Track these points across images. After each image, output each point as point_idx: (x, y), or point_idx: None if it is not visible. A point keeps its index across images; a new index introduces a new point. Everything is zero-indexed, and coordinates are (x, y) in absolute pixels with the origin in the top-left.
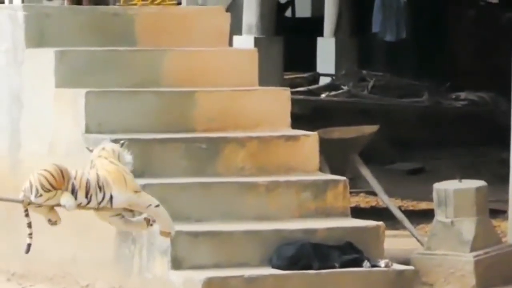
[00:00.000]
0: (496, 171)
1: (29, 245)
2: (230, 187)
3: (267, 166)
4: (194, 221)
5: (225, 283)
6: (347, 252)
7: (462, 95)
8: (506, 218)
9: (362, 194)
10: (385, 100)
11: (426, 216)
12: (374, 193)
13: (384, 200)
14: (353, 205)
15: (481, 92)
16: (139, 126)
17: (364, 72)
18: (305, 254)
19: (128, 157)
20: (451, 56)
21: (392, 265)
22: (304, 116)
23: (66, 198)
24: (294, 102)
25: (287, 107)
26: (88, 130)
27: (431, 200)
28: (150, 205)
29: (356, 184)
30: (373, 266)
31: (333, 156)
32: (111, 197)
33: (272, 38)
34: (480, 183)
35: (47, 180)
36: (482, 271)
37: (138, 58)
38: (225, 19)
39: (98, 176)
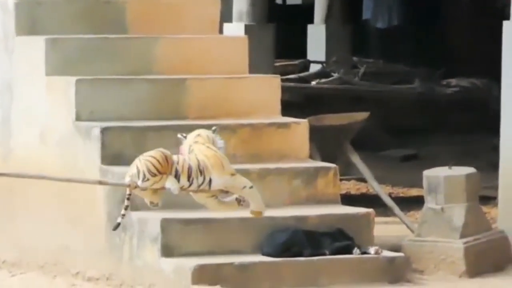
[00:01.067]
0: (488, 158)
1: (118, 224)
2: None
3: (259, 153)
4: (185, 208)
5: (216, 271)
6: (338, 239)
7: (454, 81)
8: (496, 205)
9: (353, 181)
10: (377, 86)
11: (417, 203)
12: (365, 180)
13: (374, 187)
14: (344, 192)
15: (474, 78)
16: (130, 113)
17: (355, 59)
18: (297, 241)
19: (220, 142)
20: (444, 42)
21: (381, 252)
22: (295, 103)
23: (171, 182)
24: (285, 89)
25: (278, 95)
26: (79, 118)
27: (422, 186)
28: (244, 186)
29: (348, 171)
30: (363, 253)
31: (324, 143)
32: (210, 180)
33: (262, 26)
34: (470, 170)
35: (153, 165)
36: (472, 258)
37: (130, 46)
38: (216, 6)
39: (198, 161)
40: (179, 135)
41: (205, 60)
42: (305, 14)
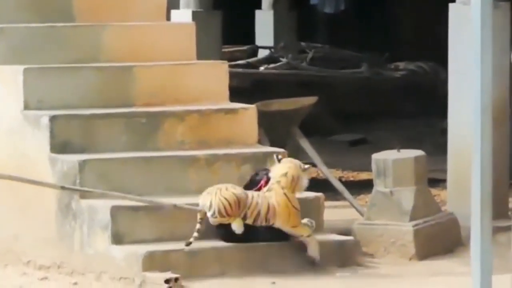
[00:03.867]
0: (437, 141)
1: (190, 243)
2: (170, 161)
3: (207, 139)
4: (135, 195)
5: (166, 257)
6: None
7: (401, 65)
8: (446, 187)
9: None
10: (325, 71)
11: (366, 186)
12: (315, 165)
13: (323, 171)
14: None
15: (421, 62)
16: (78, 102)
17: (303, 44)
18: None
19: (305, 181)
20: (390, 27)
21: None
22: (244, 89)
23: (237, 225)
24: (233, 75)
25: (226, 81)
26: (27, 107)
27: (371, 170)
28: (302, 235)
29: (297, 156)
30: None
31: (272, 129)
32: (273, 224)
33: (210, 12)
34: (419, 152)
35: (225, 208)
36: (422, 240)
37: (77, 34)
38: None
39: (268, 206)
40: (275, 157)
41: (153, 47)
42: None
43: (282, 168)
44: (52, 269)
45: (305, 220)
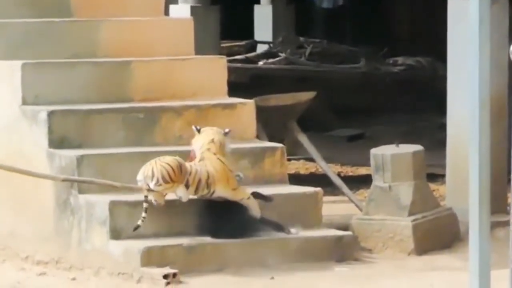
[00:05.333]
0: (435, 136)
1: (138, 226)
2: (168, 155)
3: None
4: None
5: (164, 252)
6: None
7: (400, 60)
8: (444, 182)
9: (302, 161)
10: (323, 66)
11: (365, 181)
12: (313, 160)
13: (322, 166)
14: (293, 172)
15: (419, 57)
16: (76, 97)
17: (302, 39)
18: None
19: (229, 146)
20: (389, 22)
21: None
22: (242, 84)
23: (181, 192)
24: (231, 70)
25: (224, 76)
26: (25, 102)
27: (370, 165)
28: (242, 198)
29: (295, 151)
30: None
31: (270, 124)
32: (214, 192)
33: (208, 7)
34: (417, 147)
35: (168, 173)
36: (420, 235)
37: (74, 29)
38: None
39: (208, 174)
40: (193, 128)
41: (150, 43)
42: None
43: (207, 136)
44: (50, 265)
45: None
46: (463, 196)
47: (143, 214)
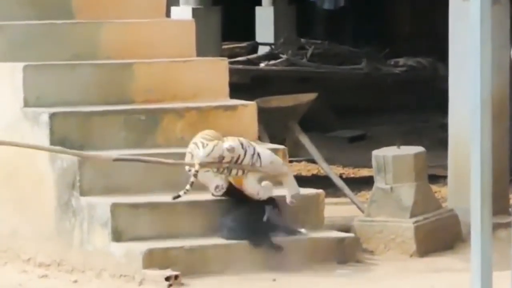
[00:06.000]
0: (437, 136)
1: (178, 196)
2: (169, 158)
3: None
4: (134, 192)
5: (166, 254)
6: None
7: (401, 61)
8: (446, 183)
9: (303, 163)
10: (324, 67)
11: (367, 183)
12: (315, 161)
13: (323, 167)
14: (294, 173)
15: (420, 57)
16: (77, 99)
17: (303, 40)
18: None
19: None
20: (390, 23)
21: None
22: (244, 85)
23: (227, 142)
24: (233, 71)
25: (225, 77)
26: (26, 104)
27: (372, 167)
28: (283, 163)
29: (297, 152)
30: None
31: (272, 125)
32: (259, 154)
33: (209, 8)
34: (419, 149)
35: (207, 134)
36: (422, 237)
37: (76, 31)
38: None
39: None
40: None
41: (152, 44)
42: None
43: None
44: (52, 267)
45: None
46: (465, 197)
47: (188, 187)
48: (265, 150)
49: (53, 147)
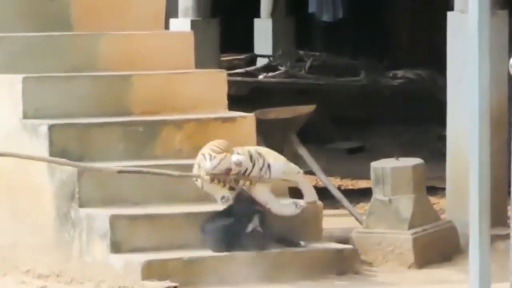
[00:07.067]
0: (436, 148)
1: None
2: (168, 169)
3: None
4: (133, 204)
5: (165, 266)
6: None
7: (400, 73)
8: (445, 195)
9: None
10: (323, 79)
11: (365, 194)
12: (314, 173)
13: (322, 179)
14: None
15: (418, 69)
16: (76, 110)
17: (301, 52)
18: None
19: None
20: (389, 35)
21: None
22: (243, 97)
23: (235, 156)
24: (232, 83)
25: (224, 89)
26: (25, 115)
27: (370, 178)
28: (299, 171)
29: (295, 163)
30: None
31: (270, 137)
32: (269, 165)
33: (208, 20)
34: (417, 160)
35: (216, 146)
36: (421, 248)
37: (74, 42)
38: (161, 1)
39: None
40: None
41: (150, 56)
42: (251, 8)
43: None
44: (51, 278)
45: None
46: (464, 209)
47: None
48: (278, 160)
49: (58, 159)
